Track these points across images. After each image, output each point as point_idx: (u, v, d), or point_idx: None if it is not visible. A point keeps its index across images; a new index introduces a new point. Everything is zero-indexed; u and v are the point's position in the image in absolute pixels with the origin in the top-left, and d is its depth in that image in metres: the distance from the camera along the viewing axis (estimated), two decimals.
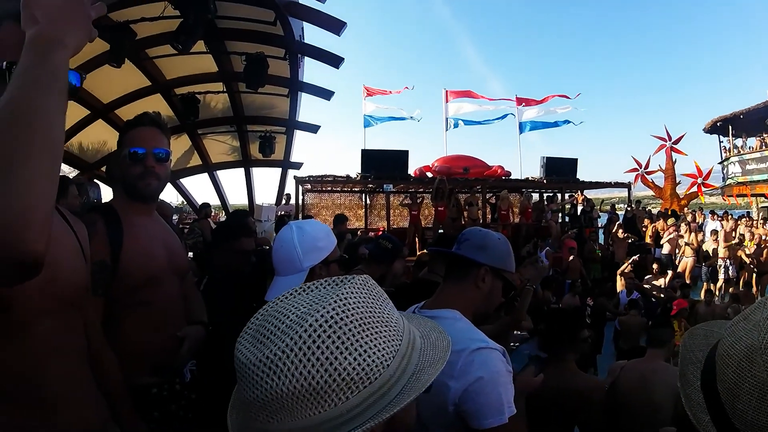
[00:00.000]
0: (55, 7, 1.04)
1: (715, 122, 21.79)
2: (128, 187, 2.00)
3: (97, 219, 1.88)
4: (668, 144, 21.11)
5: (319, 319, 0.81)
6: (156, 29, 6.86)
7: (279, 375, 0.78)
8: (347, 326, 0.82)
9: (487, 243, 1.79)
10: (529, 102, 18.08)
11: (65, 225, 1.46)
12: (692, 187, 20.97)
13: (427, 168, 13.99)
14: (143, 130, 2.01)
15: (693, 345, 1.24)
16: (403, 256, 3.99)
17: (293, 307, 0.86)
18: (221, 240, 3.03)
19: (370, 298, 0.90)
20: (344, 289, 0.88)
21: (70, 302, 1.37)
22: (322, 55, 7.92)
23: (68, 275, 1.36)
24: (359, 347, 0.82)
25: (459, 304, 1.71)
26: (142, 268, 1.96)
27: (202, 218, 10.13)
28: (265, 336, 0.84)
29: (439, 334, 1.11)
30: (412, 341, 0.95)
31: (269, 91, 8.76)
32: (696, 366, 1.16)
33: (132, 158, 1.96)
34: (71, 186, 4.45)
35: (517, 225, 14.36)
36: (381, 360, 0.84)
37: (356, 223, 15.53)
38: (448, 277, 1.83)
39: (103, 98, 8.43)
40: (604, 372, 5.35)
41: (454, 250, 1.79)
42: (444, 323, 1.56)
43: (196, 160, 11.01)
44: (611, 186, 17.06)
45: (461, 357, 1.50)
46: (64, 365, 1.36)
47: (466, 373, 1.50)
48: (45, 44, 1.01)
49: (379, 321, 0.88)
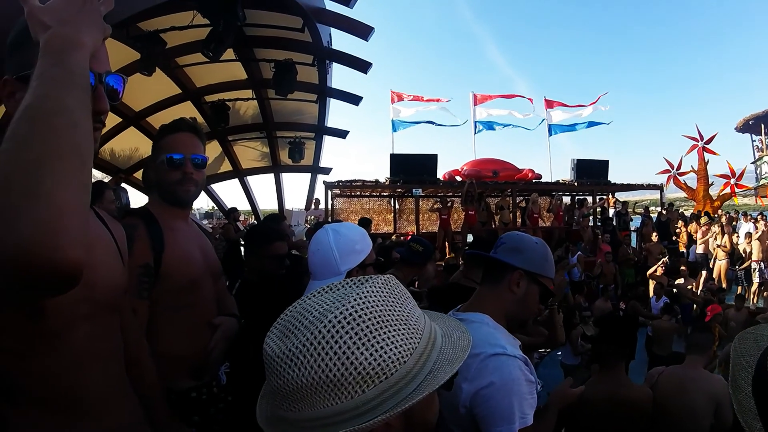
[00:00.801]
0: (62, 9, 1.03)
1: (747, 120, 21.32)
2: (165, 193, 2.01)
3: (138, 223, 1.88)
4: (700, 144, 20.58)
5: (338, 315, 0.85)
6: (186, 38, 6.96)
7: (300, 367, 0.83)
8: (365, 323, 0.86)
9: (523, 246, 1.75)
10: (559, 104, 17.88)
11: (102, 227, 1.44)
12: (725, 188, 20.43)
13: (456, 172, 13.91)
14: (181, 135, 2.01)
15: (743, 350, 1.22)
16: (435, 259, 3.96)
17: (317, 305, 0.91)
18: (255, 244, 3.03)
19: (391, 297, 0.93)
20: (365, 288, 0.91)
21: (107, 306, 1.36)
22: (351, 60, 7.94)
23: (106, 278, 1.34)
24: (376, 343, 0.85)
25: (491, 308, 1.70)
26: (182, 271, 1.98)
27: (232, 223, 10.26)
28: (290, 331, 0.89)
29: (461, 333, 1.12)
30: (432, 339, 0.98)
31: (298, 97, 8.83)
32: (747, 371, 1.14)
33: (170, 164, 1.96)
34: (107, 190, 4.51)
35: (549, 229, 14.19)
36: (398, 356, 0.87)
37: (385, 227, 15.53)
38: (483, 281, 1.81)
39: (135, 106, 8.60)
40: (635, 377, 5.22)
41: (492, 254, 1.77)
42: (470, 326, 1.54)
43: (227, 166, 11.17)
44: (643, 188, 16.74)
45: (476, 360, 1.51)
46: (100, 370, 1.34)
47: (479, 376, 1.50)
48: (60, 45, 0.98)
49: (398, 319, 0.91)
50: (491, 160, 14.75)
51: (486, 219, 13.15)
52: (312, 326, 0.86)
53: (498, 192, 14.77)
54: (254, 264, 2.99)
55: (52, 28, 0.99)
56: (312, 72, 8.12)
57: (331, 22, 7.13)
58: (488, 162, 14.54)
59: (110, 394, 1.37)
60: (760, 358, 1.10)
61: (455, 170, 14.01)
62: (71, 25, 1.02)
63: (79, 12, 1.04)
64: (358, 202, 15.63)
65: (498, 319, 1.67)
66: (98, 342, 1.33)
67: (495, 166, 14.17)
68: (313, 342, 0.83)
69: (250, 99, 9.20)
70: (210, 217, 27.80)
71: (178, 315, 1.96)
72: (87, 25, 1.05)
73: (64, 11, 1.03)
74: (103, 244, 1.40)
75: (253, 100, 9.22)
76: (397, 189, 13.95)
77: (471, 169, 13.91)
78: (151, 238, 1.88)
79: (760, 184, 21.39)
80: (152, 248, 1.87)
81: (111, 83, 1.18)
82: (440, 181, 13.29)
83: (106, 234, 1.44)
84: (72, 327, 1.23)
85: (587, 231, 13.26)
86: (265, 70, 8.17)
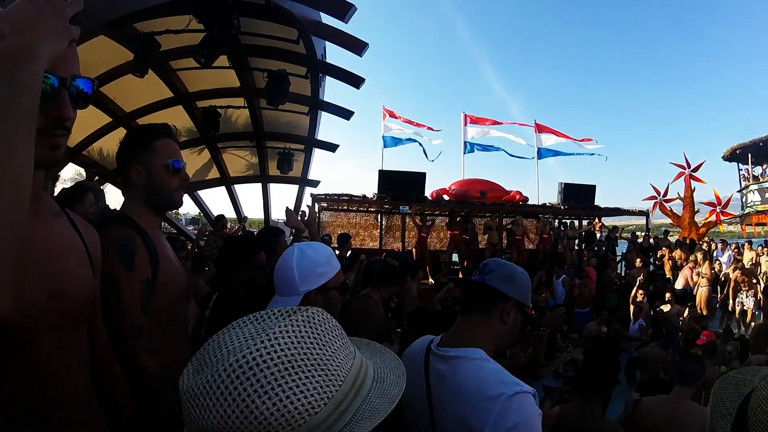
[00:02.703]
0: (23, 15, 0.95)
1: (734, 150, 21.59)
2: (158, 198, 1.93)
3: (135, 235, 1.80)
4: (687, 171, 20.83)
5: (240, 359, 0.79)
6: (180, 42, 6.97)
7: (201, 408, 0.78)
8: (269, 369, 0.79)
9: (513, 275, 1.70)
10: (548, 130, 18.02)
11: (74, 234, 1.37)
12: (711, 215, 20.69)
13: (444, 191, 13.92)
14: (172, 142, 1.97)
15: (724, 395, 1.19)
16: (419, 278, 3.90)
17: (235, 337, 0.85)
18: (247, 254, 2.93)
19: (312, 336, 0.86)
20: (283, 325, 0.85)
21: (75, 316, 1.31)
22: (344, 74, 7.98)
23: (75, 289, 1.29)
24: (281, 392, 0.78)
25: (484, 340, 1.63)
26: (175, 283, 1.93)
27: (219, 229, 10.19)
28: (202, 365, 0.84)
29: (396, 377, 1.04)
30: (357, 386, 0.91)
31: (290, 109, 8.85)
32: (726, 419, 1.12)
33: (173, 170, 1.91)
34: (88, 193, 4.39)
35: (534, 251, 14.25)
36: (307, 407, 0.80)
37: (371, 243, 15.50)
38: (471, 310, 1.70)
39: (126, 107, 8.58)
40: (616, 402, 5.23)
41: (478, 279, 1.68)
42: (473, 365, 1.53)
43: (215, 173, 11.13)
44: (629, 213, 16.84)
45: (498, 404, 1.43)
46: (66, 383, 1.29)
47: (503, 419, 1.41)
48: (10, 58, 0.91)
49: (315, 362, 0.84)
50: (479, 180, 14.77)
51: (472, 239, 13.17)
52: (217, 365, 0.80)
53: (486, 213, 14.81)
54: (245, 276, 2.87)
55: (7, 38, 0.92)
56: (305, 84, 8.14)
57: (326, 36, 7.16)
58: (476, 182, 14.56)
59: (74, 408, 1.32)
60: (741, 405, 1.06)
61: (443, 189, 14.02)
62: (29, 33, 0.95)
63: (38, 18, 0.97)
64: (345, 216, 15.61)
65: (489, 350, 1.61)
66: (66, 353, 1.28)
67: (483, 186, 14.20)
68: (212, 385, 0.78)
69: (242, 107, 9.21)
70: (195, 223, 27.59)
71: (164, 328, 1.89)
72: (47, 33, 0.97)
73: (22, 17, 0.95)
74: (72, 253, 1.34)
75: (244, 108, 9.23)
76: (385, 205, 13.94)
77: (459, 189, 13.93)
78: (148, 250, 1.81)
79: (746, 212, 21.65)
80: (151, 261, 1.81)
81: (81, 86, 1.13)
82: (427, 200, 13.31)
83: (77, 242, 1.37)
84: (39, 338, 1.19)
85: (571, 254, 13.33)
86: (259, 79, 8.19)
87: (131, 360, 1.68)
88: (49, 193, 1.35)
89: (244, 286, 2.84)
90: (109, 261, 1.62)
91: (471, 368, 1.53)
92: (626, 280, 12.31)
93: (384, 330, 3.52)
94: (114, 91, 7.88)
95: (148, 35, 6.64)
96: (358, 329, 3.27)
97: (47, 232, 1.25)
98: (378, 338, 3.45)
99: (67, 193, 4.22)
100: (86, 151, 9.11)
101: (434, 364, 1.61)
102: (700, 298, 10.98)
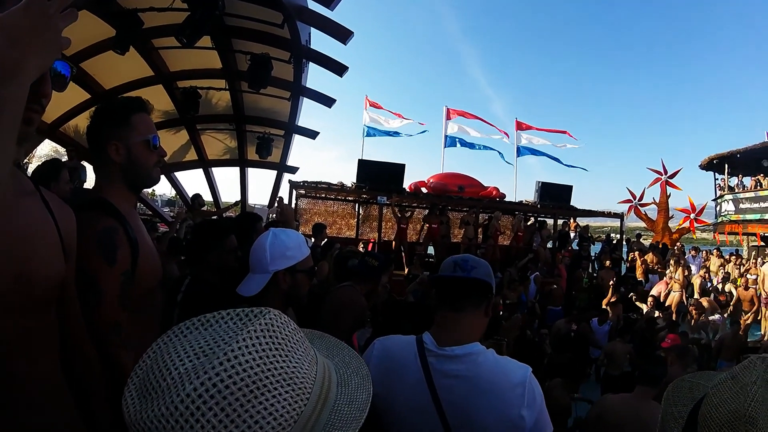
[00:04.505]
0: (16, 27, 0.93)
1: (711, 159, 22.03)
2: (136, 174, 1.87)
3: (117, 226, 1.74)
4: (663, 178, 21.23)
5: (198, 387, 0.71)
6: (164, 20, 6.87)
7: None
8: (234, 395, 0.72)
9: (491, 272, 1.73)
10: (529, 127, 18.21)
11: (45, 214, 1.34)
12: (684, 222, 21.12)
13: (423, 183, 13.98)
14: (149, 117, 1.90)
15: (677, 399, 1.20)
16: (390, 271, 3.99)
17: (185, 356, 0.75)
18: (217, 237, 2.90)
19: (273, 348, 0.79)
20: (240, 339, 0.76)
21: (41, 300, 1.28)
22: (327, 62, 7.95)
23: (42, 272, 1.26)
24: (249, 418, 0.72)
25: (478, 334, 1.68)
26: (153, 272, 1.90)
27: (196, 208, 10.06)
28: (148, 390, 0.75)
29: (361, 379, 1.02)
30: (324, 394, 0.87)
31: (271, 93, 8.77)
32: (678, 422, 1.12)
33: (153, 146, 1.86)
34: (63, 171, 4.26)
35: (508, 247, 14.42)
36: (276, 429, 0.75)
37: (347, 232, 15.55)
38: (460, 306, 1.68)
39: (105, 84, 8.43)
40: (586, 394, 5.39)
41: (465, 275, 1.66)
42: (486, 358, 1.59)
43: (193, 155, 10.99)
44: (604, 215, 17.10)
45: (524, 386, 1.52)
46: (30, 366, 1.27)
47: (532, 397, 1.52)
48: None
49: (279, 379, 0.77)
50: (458, 174, 14.86)
51: (446, 233, 13.26)
52: (171, 392, 0.72)
53: (463, 207, 14.92)
54: (214, 260, 2.84)
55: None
56: (288, 69, 8.09)
57: (312, 22, 7.13)
58: (455, 177, 14.64)
59: (40, 390, 1.29)
60: (692, 410, 1.05)
61: (421, 182, 14.07)
62: (20, 47, 0.93)
63: (31, 31, 0.95)
64: (322, 204, 15.59)
65: None
66: (30, 335, 1.25)
67: (461, 181, 14.28)
68: (169, 418, 0.70)
69: (223, 89, 9.10)
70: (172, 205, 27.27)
71: (139, 316, 1.84)
72: (38, 49, 0.96)
73: (15, 29, 0.93)
74: (41, 235, 1.30)
75: (226, 90, 9.13)
76: (363, 195, 13.95)
77: (437, 182, 14.00)
78: (130, 241, 1.76)
79: (719, 221, 22.14)
80: (131, 253, 1.76)
81: (59, 69, 1.13)
82: (406, 192, 13.34)
83: (48, 223, 1.33)
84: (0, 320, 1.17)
85: (545, 252, 13.51)
86: (241, 61, 8.12)
87: (109, 356, 1.65)
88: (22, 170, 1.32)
89: (214, 270, 2.82)
90: (89, 253, 1.60)
91: (487, 362, 1.58)
92: (595, 282, 12.55)
93: (362, 320, 3.73)
94: (94, 67, 7.75)
95: (132, 12, 6.53)
96: (342, 315, 3.37)
97: (15, 213, 1.22)
98: (358, 324, 3.58)
99: (42, 170, 4.12)
100: (63, 128, 8.95)
101: (440, 366, 1.58)
102: (671, 302, 11.23)
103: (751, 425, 0.84)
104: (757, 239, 21.06)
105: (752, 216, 19.77)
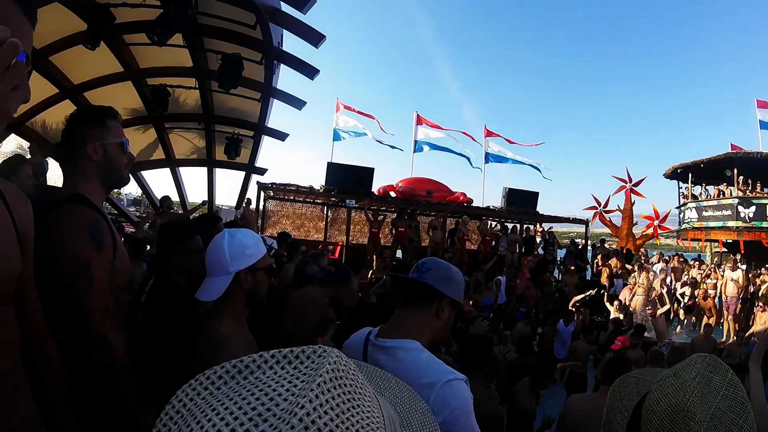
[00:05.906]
0: None
1: (675, 169, 22.63)
2: (113, 174, 2.00)
3: (100, 217, 1.82)
4: (628, 185, 21.87)
5: None
6: (136, 16, 6.79)
7: None
8: None
9: (452, 275, 1.81)
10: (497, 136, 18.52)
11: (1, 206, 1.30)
12: (648, 228, 21.71)
13: (391, 187, 14.10)
14: (119, 124, 2.06)
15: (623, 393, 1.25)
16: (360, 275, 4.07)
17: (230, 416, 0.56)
18: (180, 238, 2.88)
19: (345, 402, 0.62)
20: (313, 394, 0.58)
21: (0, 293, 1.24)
22: (299, 64, 7.95)
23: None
24: None
25: (418, 333, 1.73)
26: (125, 267, 1.97)
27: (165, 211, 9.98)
28: None
29: (421, 417, 0.94)
30: None
31: (242, 93, 8.71)
32: (623, 415, 1.17)
33: (124, 149, 2.01)
34: (24, 166, 4.16)
35: (475, 251, 14.61)
36: None
37: (315, 234, 15.53)
38: (408, 305, 1.80)
39: (74, 78, 8.26)
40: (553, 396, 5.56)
41: (416, 277, 1.79)
42: (409, 354, 1.63)
43: (160, 153, 10.80)
44: (569, 221, 17.50)
45: (434, 390, 1.52)
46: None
47: (442, 405, 1.50)
48: None
49: None
50: (426, 179, 15.04)
51: (415, 236, 13.39)
52: None
53: (431, 212, 15.07)
54: (179, 261, 2.80)
55: None
56: (259, 70, 8.06)
57: (284, 24, 7.13)
58: (423, 181, 14.82)
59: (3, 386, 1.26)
60: (637, 404, 1.07)
61: (390, 186, 14.20)
62: None
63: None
64: (291, 206, 15.56)
65: (423, 343, 1.71)
66: None
67: (429, 186, 14.46)
68: None
69: (193, 88, 8.99)
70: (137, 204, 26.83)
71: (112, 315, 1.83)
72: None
73: None
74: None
75: (195, 89, 9.02)
76: (331, 198, 13.98)
77: (406, 187, 14.15)
78: (111, 233, 1.84)
79: (683, 228, 22.76)
80: (113, 245, 1.84)
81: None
82: (374, 195, 13.42)
83: (2, 215, 1.28)
84: None
85: (509, 256, 13.76)
86: (212, 61, 8.06)
87: (103, 341, 1.69)
88: None
89: (179, 271, 2.80)
90: (81, 240, 1.67)
91: (408, 359, 1.63)
92: (560, 287, 12.84)
93: (327, 320, 3.76)
94: (63, 61, 7.61)
95: (104, 7, 6.43)
96: (307, 314, 3.43)
97: None
98: (322, 326, 3.63)
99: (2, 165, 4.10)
100: (29, 122, 8.77)
101: (373, 355, 1.70)
102: (634, 306, 11.55)
103: (690, 419, 0.89)
104: (719, 245, 21.72)
105: (714, 223, 20.38)
